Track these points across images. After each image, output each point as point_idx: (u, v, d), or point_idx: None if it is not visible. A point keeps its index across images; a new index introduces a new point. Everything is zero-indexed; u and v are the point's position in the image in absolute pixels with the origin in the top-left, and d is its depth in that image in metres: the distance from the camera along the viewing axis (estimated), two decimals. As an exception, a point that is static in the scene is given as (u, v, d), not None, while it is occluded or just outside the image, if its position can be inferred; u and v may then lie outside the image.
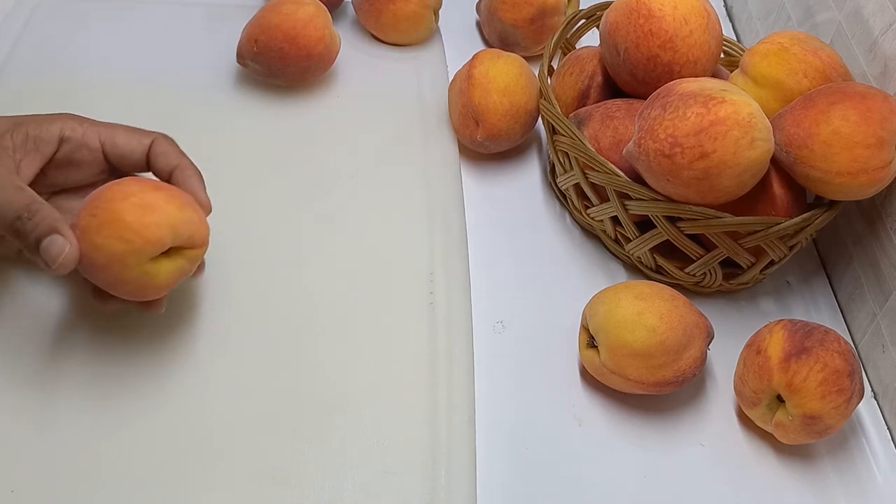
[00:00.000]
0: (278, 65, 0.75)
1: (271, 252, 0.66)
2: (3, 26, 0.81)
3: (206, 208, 0.57)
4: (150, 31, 0.83)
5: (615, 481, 0.57)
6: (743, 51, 0.74)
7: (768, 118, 0.59)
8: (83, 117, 0.58)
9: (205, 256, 0.65)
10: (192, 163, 0.58)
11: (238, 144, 0.74)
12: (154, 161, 0.58)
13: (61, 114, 0.58)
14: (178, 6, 0.85)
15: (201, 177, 0.58)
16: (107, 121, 0.59)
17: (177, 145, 0.59)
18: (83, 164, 0.58)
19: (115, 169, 0.59)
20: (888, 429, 0.62)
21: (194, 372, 0.59)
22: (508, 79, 0.72)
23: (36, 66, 0.78)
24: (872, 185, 0.59)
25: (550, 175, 0.75)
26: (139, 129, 0.59)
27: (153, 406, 0.57)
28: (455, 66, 0.79)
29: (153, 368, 0.58)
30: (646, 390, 0.59)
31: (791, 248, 0.64)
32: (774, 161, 0.62)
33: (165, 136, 0.59)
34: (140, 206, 0.52)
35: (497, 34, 0.84)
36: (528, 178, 0.76)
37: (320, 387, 0.59)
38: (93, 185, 0.57)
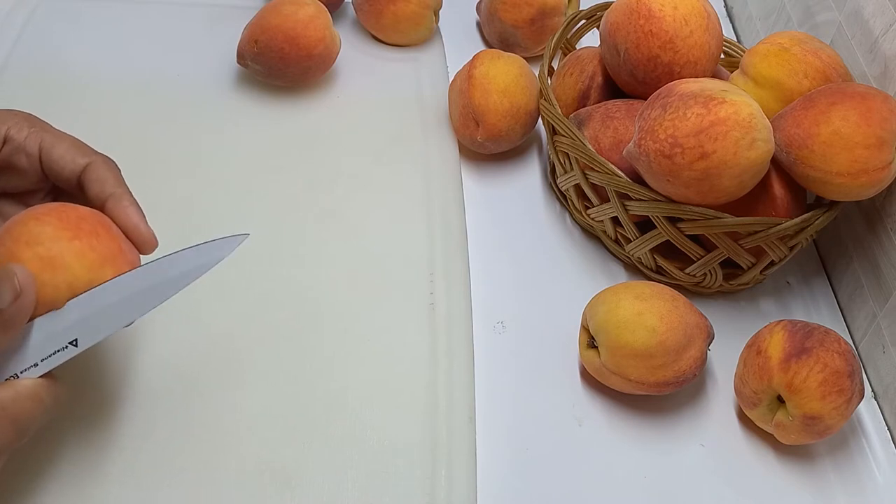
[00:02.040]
0: (279, 65, 0.75)
1: (271, 252, 0.66)
2: (3, 26, 0.81)
3: (149, 244, 0.50)
4: (151, 31, 0.83)
5: (615, 481, 0.57)
6: (743, 51, 0.74)
7: (768, 119, 0.59)
8: (36, 119, 0.53)
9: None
10: (129, 192, 0.51)
11: (238, 145, 0.74)
12: (87, 186, 0.51)
13: (15, 112, 0.53)
14: (179, 6, 0.86)
15: (140, 208, 0.51)
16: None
17: (117, 171, 0.52)
18: (21, 171, 0.52)
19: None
20: (888, 429, 0.62)
21: (193, 372, 0.59)
22: (509, 79, 0.72)
23: (36, 66, 0.78)
24: (872, 185, 0.59)
25: (551, 175, 0.75)
26: (85, 146, 0.52)
27: (152, 405, 0.57)
28: (455, 66, 0.80)
29: (152, 367, 0.58)
30: (646, 391, 0.59)
31: (791, 248, 0.64)
32: (775, 161, 0.62)
33: (106, 161, 0.52)
34: (42, 261, 0.45)
35: (497, 35, 0.84)
36: (528, 179, 0.76)
37: (320, 387, 0.59)
38: (35, 192, 0.53)
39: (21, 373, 0.45)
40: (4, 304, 0.43)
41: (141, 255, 0.50)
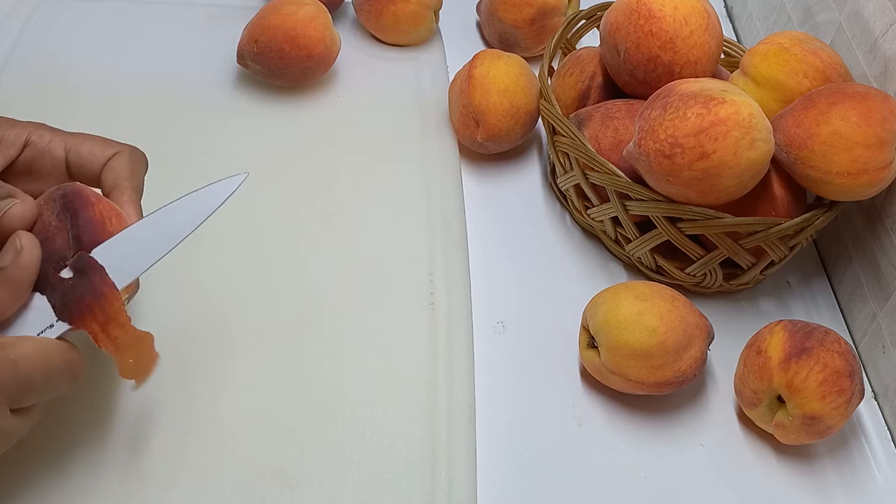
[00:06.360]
0: (279, 65, 0.75)
1: (271, 252, 0.66)
2: (3, 26, 0.81)
3: None
4: (151, 32, 0.83)
5: (615, 481, 0.57)
6: (743, 51, 0.74)
7: (768, 119, 0.59)
8: (54, 128, 0.54)
9: (201, 260, 0.65)
10: (134, 187, 0.52)
11: (238, 145, 0.74)
12: (103, 175, 0.52)
13: (32, 122, 0.54)
14: (179, 6, 0.86)
15: (138, 205, 0.52)
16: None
17: (136, 163, 0.53)
18: (43, 174, 0.53)
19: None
20: (888, 429, 0.62)
21: (194, 372, 0.59)
22: (509, 79, 0.72)
23: (36, 66, 0.78)
24: (873, 185, 0.59)
25: (551, 175, 0.75)
26: (112, 140, 0.54)
27: (152, 405, 0.57)
28: (455, 66, 0.80)
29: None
30: (646, 391, 0.59)
31: (791, 248, 0.64)
32: (775, 161, 0.62)
33: (133, 152, 0.53)
34: None
35: (497, 35, 0.84)
36: (528, 179, 0.76)
37: (320, 387, 0.59)
38: None
39: (38, 335, 0.47)
40: (5, 263, 0.46)
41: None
